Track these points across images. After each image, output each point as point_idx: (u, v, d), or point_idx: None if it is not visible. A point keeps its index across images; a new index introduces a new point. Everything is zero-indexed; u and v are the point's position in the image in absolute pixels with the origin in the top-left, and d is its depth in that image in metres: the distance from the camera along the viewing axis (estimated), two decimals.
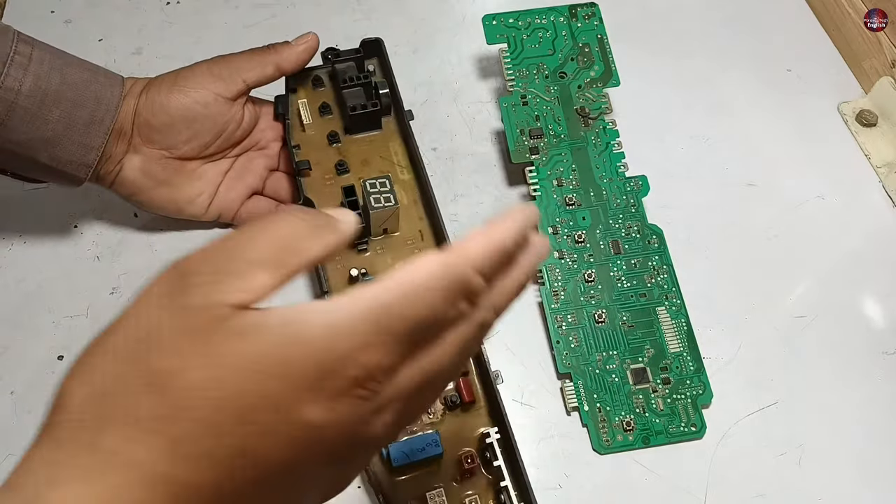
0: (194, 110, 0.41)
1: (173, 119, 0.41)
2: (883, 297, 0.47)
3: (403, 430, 0.37)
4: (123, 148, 0.41)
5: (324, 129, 0.46)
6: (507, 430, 0.37)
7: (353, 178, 0.44)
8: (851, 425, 0.43)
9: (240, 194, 0.45)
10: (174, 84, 0.41)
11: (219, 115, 0.42)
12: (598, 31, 0.49)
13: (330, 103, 0.46)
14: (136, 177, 0.42)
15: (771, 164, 0.51)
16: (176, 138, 0.42)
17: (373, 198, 0.40)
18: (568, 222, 0.45)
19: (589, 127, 0.47)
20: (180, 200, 0.43)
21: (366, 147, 0.46)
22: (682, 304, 0.44)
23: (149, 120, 0.41)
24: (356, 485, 0.40)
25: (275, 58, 0.43)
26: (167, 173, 0.42)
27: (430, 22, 0.56)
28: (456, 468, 0.38)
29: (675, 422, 0.42)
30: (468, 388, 0.39)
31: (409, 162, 0.45)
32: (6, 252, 0.46)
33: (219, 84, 0.41)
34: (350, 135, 0.46)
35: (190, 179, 0.43)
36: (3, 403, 0.41)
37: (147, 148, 0.41)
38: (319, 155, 0.45)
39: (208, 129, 0.42)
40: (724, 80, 0.54)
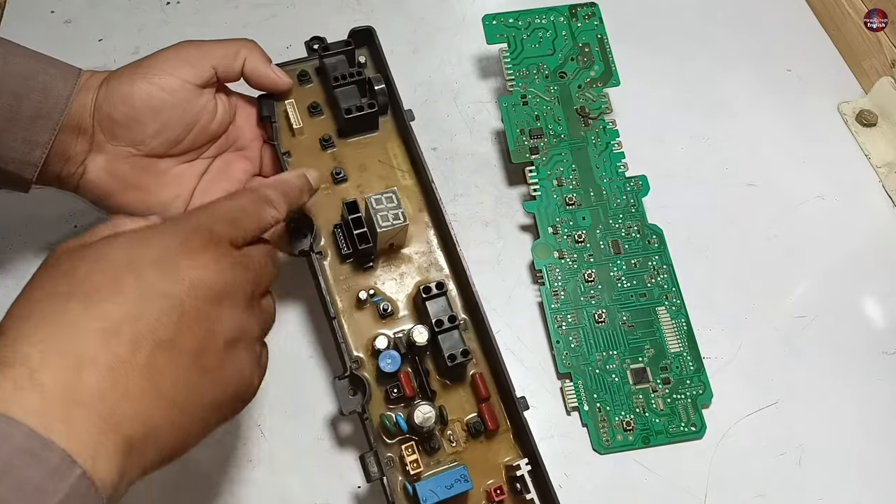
0: (159, 98, 0.37)
1: (137, 110, 0.37)
2: (883, 297, 0.47)
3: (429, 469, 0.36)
4: (85, 147, 0.38)
5: (315, 132, 0.42)
6: (539, 460, 0.35)
7: (352, 187, 0.41)
8: (851, 425, 0.43)
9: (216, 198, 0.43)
10: (136, 72, 0.37)
11: (187, 104, 0.38)
12: (598, 31, 0.49)
13: (320, 102, 0.42)
14: (102, 178, 0.38)
15: (771, 164, 0.51)
16: (142, 132, 0.38)
17: (380, 216, 0.37)
18: (568, 222, 0.45)
19: (589, 127, 0.47)
20: (153, 205, 0.40)
21: (362, 150, 0.42)
22: (682, 304, 0.44)
23: (110, 113, 0.37)
24: (356, 485, 0.40)
25: (246, 53, 0.39)
26: (136, 174, 0.39)
27: (430, 22, 0.56)
28: (484, 500, 0.36)
29: (675, 422, 0.42)
30: (491, 415, 0.37)
31: (410, 165, 0.42)
32: (6, 252, 0.46)
33: (185, 69, 0.38)
34: (344, 138, 0.42)
35: (163, 181, 0.40)
36: None
37: (112, 145, 0.38)
38: (313, 162, 0.41)
39: (177, 120, 0.38)
40: (724, 80, 0.54)
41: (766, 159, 0.51)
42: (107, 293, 0.25)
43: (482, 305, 0.38)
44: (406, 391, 0.36)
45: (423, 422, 0.35)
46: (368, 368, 0.37)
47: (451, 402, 0.37)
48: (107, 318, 0.25)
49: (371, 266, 0.40)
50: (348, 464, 0.41)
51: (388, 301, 0.39)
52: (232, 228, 0.29)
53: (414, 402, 0.37)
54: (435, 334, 0.36)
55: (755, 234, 0.49)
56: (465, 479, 0.35)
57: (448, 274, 0.40)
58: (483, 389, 0.37)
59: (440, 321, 0.36)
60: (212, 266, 0.28)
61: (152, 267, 0.26)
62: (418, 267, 0.40)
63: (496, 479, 0.37)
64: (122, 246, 0.27)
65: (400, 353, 0.37)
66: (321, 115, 0.42)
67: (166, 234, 0.28)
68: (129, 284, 0.25)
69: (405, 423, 0.36)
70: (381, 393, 0.37)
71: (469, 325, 0.39)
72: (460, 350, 0.36)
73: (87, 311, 0.25)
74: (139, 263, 0.26)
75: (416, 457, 0.35)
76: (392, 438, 0.36)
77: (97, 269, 0.26)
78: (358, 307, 0.39)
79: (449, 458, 0.37)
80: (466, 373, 0.38)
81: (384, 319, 0.38)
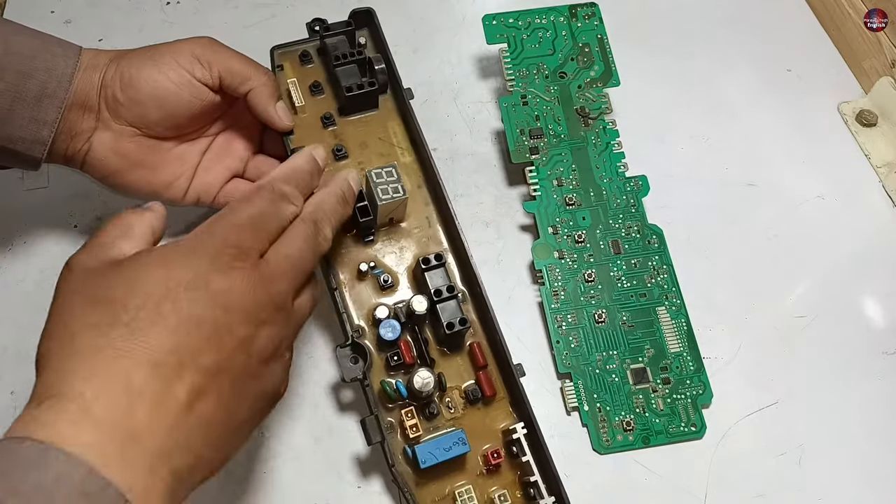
0: (166, 88, 0.38)
1: (142, 95, 0.37)
2: (883, 297, 0.47)
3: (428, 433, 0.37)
4: (91, 124, 0.38)
5: (317, 110, 0.43)
6: (534, 424, 0.37)
7: (353, 164, 0.42)
8: (851, 425, 0.43)
9: (219, 176, 0.43)
10: (149, 57, 0.38)
11: (192, 97, 0.39)
12: (598, 31, 0.49)
13: (321, 82, 0.44)
14: (107, 156, 0.39)
15: (771, 164, 0.51)
16: (145, 116, 0.38)
17: (380, 189, 0.38)
18: (568, 222, 0.45)
19: (589, 127, 0.47)
20: (157, 184, 0.41)
21: (363, 128, 0.43)
22: (682, 304, 0.44)
23: (115, 94, 0.37)
24: (356, 485, 0.40)
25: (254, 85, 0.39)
26: (142, 152, 0.39)
27: (430, 22, 0.56)
28: (481, 463, 0.37)
29: (675, 422, 0.42)
30: (489, 383, 0.38)
31: (409, 143, 0.43)
32: (6, 252, 0.46)
33: (196, 67, 0.38)
34: (345, 116, 0.43)
35: (167, 160, 0.40)
36: (3, 403, 0.41)
37: (116, 124, 0.38)
38: (314, 139, 0.42)
39: (181, 110, 0.39)
40: (724, 80, 0.54)
41: (766, 159, 0.51)
42: (147, 322, 0.25)
43: (480, 277, 0.39)
44: (406, 359, 0.38)
45: (422, 386, 0.36)
46: (369, 337, 0.38)
47: (450, 370, 0.39)
48: (150, 349, 0.25)
49: (372, 240, 0.41)
50: (348, 463, 0.41)
51: (389, 273, 0.40)
52: (255, 237, 0.29)
53: (413, 368, 0.38)
54: (434, 304, 0.38)
55: (755, 234, 0.49)
56: (463, 441, 0.36)
57: (447, 248, 0.41)
58: (481, 358, 0.38)
59: (439, 291, 0.38)
60: (243, 285, 0.28)
61: (187, 292, 0.26)
62: (418, 241, 0.41)
63: (493, 443, 0.38)
64: (155, 269, 0.27)
65: (400, 322, 0.38)
66: (322, 94, 0.44)
67: (195, 254, 0.28)
68: (167, 312, 0.25)
69: (405, 389, 0.37)
70: (382, 360, 0.38)
71: (468, 298, 0.40)
72: (458, 319, 0.37)
73: (130, 342, 0.25)
74: (175, 289, 0.26)
75: (415, 421, 0.37)
76: (392, 404, 0.37)
77: (133, 297, 0.26)
78: (359, 279, 0.40)
79: (447, 424, 0.38)
80: (464, 342, 0.39)
81: (384, 291, 0.40)
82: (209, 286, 0.27)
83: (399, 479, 0.36)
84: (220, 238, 0.28)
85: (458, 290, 0.38)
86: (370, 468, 0.40)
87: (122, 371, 0.24)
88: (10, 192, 0.47)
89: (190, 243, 0.28)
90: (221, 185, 0.43)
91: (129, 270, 0.27)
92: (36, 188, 0.47)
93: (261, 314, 0.28)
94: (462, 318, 0.37)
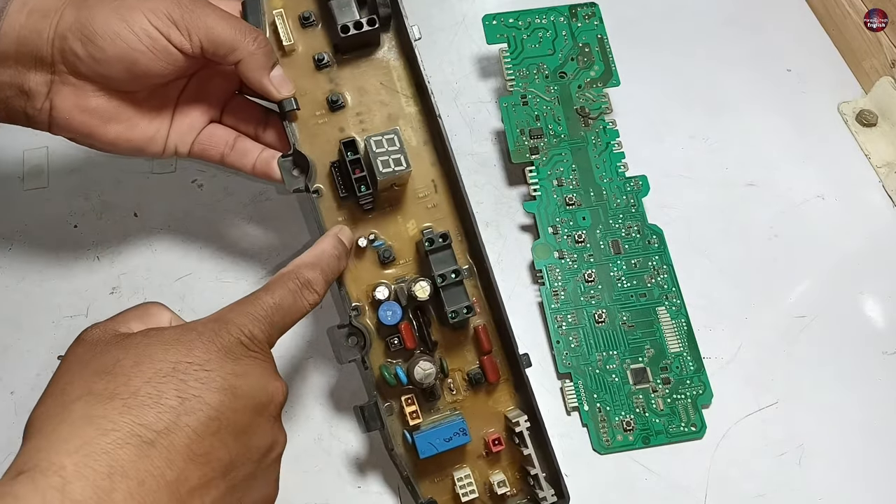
0: (136, 50, 0.32)
1: (106, 54, 0.32)
2: (883, 297, 0.47)
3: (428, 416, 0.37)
4: (45, 78, 0.32)
5: (308, 47, 0.37)
6: (537, 417, 0.36)
7: (351, 115, 0.37)
8: (851, 425, 0.43)
9: (195, 123, 0.38)
10: (116, 11, 0.31)
11: (167, 65, 0.33)
12: (598, 31, 0.49)
13: (313, 13, 0.37)
14: (73, 115, 0.33)
15: (771, 164, 0.51)
16: (110, 76, 0.33)
17: (380, 160, 0.34)
18: (568, 222, 0.45)
19: (589, 127, 0.47)
20: (137, 140, 0.36)
21: (362, 71, 0.38)
22: (682, 304, 0.44)
23: (73, 47, 0.31)
24: (356, 485, 0.40)
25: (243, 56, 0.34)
26: (112, 108, 0.34)
27: (430, 22, 0.56)
28: (481, 447, 0.37)
29: (675, 422, 0.42)
30: (493, 368, 0.37)
31: (415, 90, 0.38)
32: (6, 252, 0.46)
33: (172, 31, 0.32)
34: (341, 55, 0.37)
35: (142, 113, 0.35)
36: (3, 403, 0.41)
37: (76, 79, 0.33)
38: (306, 84, 0.37)
39: (154, 75, 0.33)
40: (724, 80, 0.54)
41: (766, 159, 0.51)
42: (147, 400, 0.24)
43: (486, 252, 0.37)
44: (407, 344, 0.36)
45: (423, 378, 0.35)
46: (369, 316, 0.37)
47: (453, 353, 0.37)
48: (145, 427, 0.24)
49: (371, 207, 0.37)
50: (348, 463, 0.41)
51: (389, 247, 0.37)
52: (271, 329, 0.29)
53: (415, 353, 0.36)
54: (438, 290, 0.35)
55: (755, 234, 0.49)
56: (464, 432, 0.35)
57: (452, 214, 0.38)
58: (486, 342, 0.37)
59: (444, 275, 0.35)
60: (252, 375, 0.27)
61: (195, 376, 0.25)
62: (423, 208, 0.38)
63: (495, 427, 0.37)
64: (166, 349, 0.26)
65: (401, 304, 0.36)
66: (314, 26, 0.37)
67: (208, 339, 0.27)
68: (170, 393, 0.25)
69: (405, 376, 0.36)
70: (381, 344, 0.36)
71: (474, 273, 0.38)
72: (464, 307, 0.35)
73: (125, 418, 0.24)
74: (182, 371, 0.25)
75: (415, 408, 0.36)
76: (391, 389, 0.36)
77: (138, 374, 0.25)
78: (357, 256, 0.37)
79: (449, 407, 0.37)
80: (469, 324, 0.38)
81: (385, 265, 0.37)
82: (219, 372, 0.26)
83: (398, 462, 0.36)
84: (235, 327, 0.28)
85: (463, 272, 0.35)
86: (370, 468, 0.40)
87: (110, 446, 0.23)
88: (10, 192, 0.47)
89: (205, 328, 0.27)
90: (198, 131, 0.38)
91: (141, 346, 0.26)
92: (36, 188, 0.47)
93: (266, 407, 0.28)
94: (468, 306, 0.35)
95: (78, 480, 0.22)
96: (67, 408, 0.24)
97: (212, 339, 0.27)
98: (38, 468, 0.22)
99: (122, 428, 0.23)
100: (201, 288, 0.45)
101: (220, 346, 0.27)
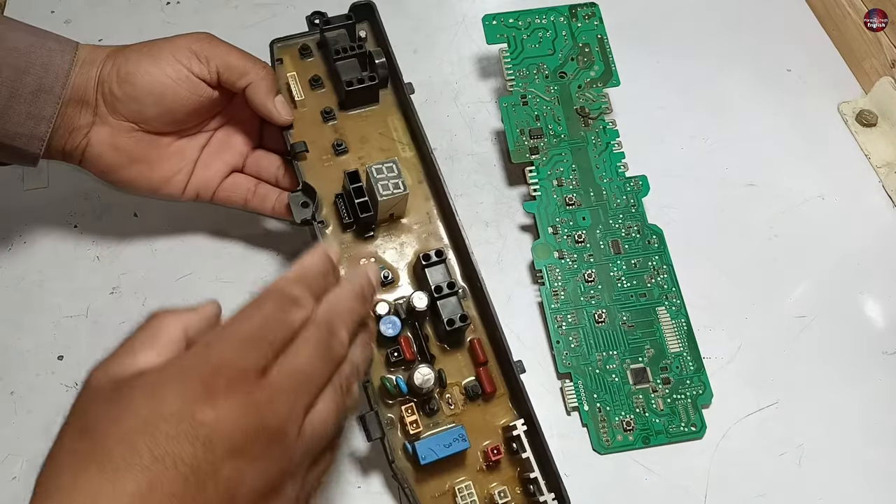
0: (163, 84, 0.38)
1: (138, 91, 0.38)
2: (883, 297, 0.47)
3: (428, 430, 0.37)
4: (88, 119, 0.38)
5: (317, 104, 0.43)
6: (534, 421, 0.37)
7: (353, 158, 0.42)
8: (851, 425, 0.43)
9: (218, 172, 0.43)
10: (146, 53, 0.38)
11: (191, 94, 0.39)
12: (598, 31, 0.49)
13: (321, 76, 0.44)
14: (105, 152, 0.39)
15: (771, 164, 0.51)
16: (143, 111, 0.39)
17: (380, 185, 0.38)
18: (568, 222, 0.45)
19: (589, 127, 0.47)
20: (156, 179, 0.41)
21: (363, 123, 0.43)
22: (682, 304, 0.44)
23: (112, 89, 0.38)
24: (356, 485, 0.40)
25: (251, 80, 0.39)
26: (140, 149, 0.40)
27: (430, 22, 0.56)
28: (481, 459, 0.38)
29: (675, 422, 0.42)
30: (489, 379, 0.38)
31: (410, 138, 0.43)
32: (6, 252, 0.46)
33: (193, 62, 0.38)
34: (345, 110, 0.43)
35: (165, 156, 0.41)
36: (3, 403, 0.41)
37: (114, 119, 0.38)
38: (314, 134, 0.43)
39: (179, 106, 0.39)
40: (724, 80, 0.54)
41: (766, 159, 0.51)
42: (120, 461, 0.23)
43: (480, 273, 0.39)
44: (406, 355, 0.38)
45: (422, 383, 0.36)
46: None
47: (450, 367, 0.39)
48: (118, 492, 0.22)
49: (372, 235, 0.41)
50: (348, 464, 0.41)
51: (389, 269, 0.40)
52: (258, 352, 0.26)
53: (414, 365, 0.38)
54: (434, 300, 0.38)
55: (755, 234, 0.49)
56: (464, 438, 0.36)
57: (447, 244, 0.41)
58: (481, 354, 0.39)
59: (439, 287, 0.38)
60: (232, 415, 0.24)
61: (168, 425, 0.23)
62: (418, 237, 0.41)
63: (493, 439, 0.38)
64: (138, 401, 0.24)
65: (400, 318, 0.38)
66: (322, 87, 0.44)
67: (188, 378, 0.24)
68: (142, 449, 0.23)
69: (405, 385, 0.37)
70: (382, 356, 0.38)
71: (468, 294, 0.40)
72: (459, 315, 0.38)
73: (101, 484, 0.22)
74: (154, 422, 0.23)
75: (415, 417, 0.37)
76: (392, 400, 0.38)
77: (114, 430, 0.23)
78: None
79: (447, 420, 0.38)
80: (465, 338, 0.39)
81: (385, 286, 0.40)
82: (193, 418, 0.23)
83: (399, 475, 0.36)
84: (216, 356, 0.25)
85: (458, 286, 0.38)
86: (370, 468, 0.40)
87: None
88: (10, 192, 0.47)
89: (188, 362, 0.25)
90: (221, 180, 0.43)
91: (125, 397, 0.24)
92: (36, 188, 0.47)
93: (252, 448, 0.24)
94: (462, 315, 0.38)
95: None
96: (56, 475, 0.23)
97: (191, 379, 0.24)
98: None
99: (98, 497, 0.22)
100: (201, 288, 0.45)
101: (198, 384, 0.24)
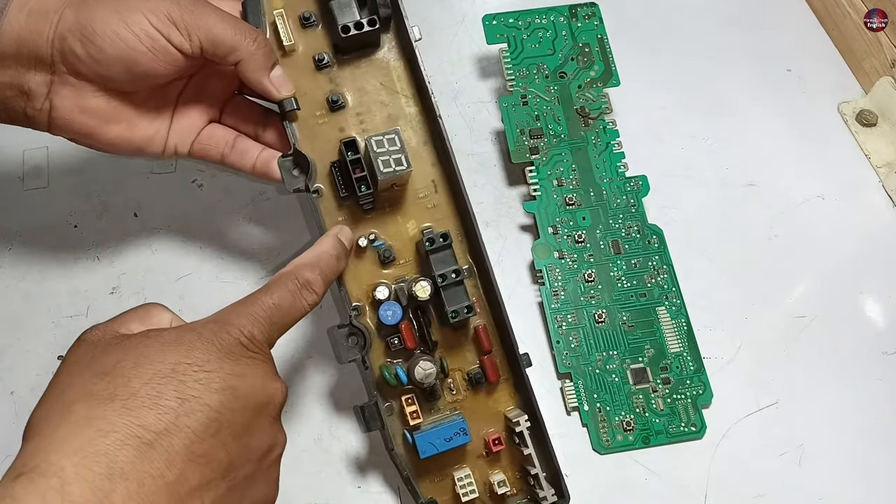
0: (136, 50, 0.32)
1: (106, 56, 0.32)
2: (883, 297, 0.47)
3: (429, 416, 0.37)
4: (45, 78, 0.32)
5: (309, 48, 0.37)
6: (538, 417, 0.36)
7: (351, 115, 0.37)
8: (851, 425, 0.43)
9: (195, 123, 0.38)
10: (115, 10, 0.31)
11: (168, 65, 0.33)
12: (598, 31, 0.49)
13: (313, 12, 0.37)
14: (73, 115, 0.34)
15: (771, 164, 0.51)
16: (110, 77, 0.33)
17: (381, 160, 0.34)
18: (568, 222, 0.45)
19: (589, 127, 0.47)
20: (137, 140, 0.36)
21: (362, 71, 0.38)
22: (682, 304, 0.44)
23: (73, 47, 0.31)
24: (356, 485, 0.40)
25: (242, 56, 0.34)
26: (111, 108, 0.34)
27: (430, 22, 0.56)
28: (481, 447, 0.37)
29: (675, 422, 0.42)
30: (493, 368, 0.37)
31: (415, 91, 0.38)
32: (6, 252, 0.46)
33: (172, 32, 0.32)
34: (341, 55, 0.38)
35: (142, 112, 0.36)
36: (3, 403, 0.41)
37: (76, 80, 0.33)
38: (306, 84, 0.37)
39: (154, 76, 0.33)
40: (724, 80, 0.54)
41: (766, 159, 0.51)
42: (146, 401, 0.24)
43: (486, 252, 0.37)
44: (407, 344, 0.36)
45: (423, 378, 0.35)
46: (369, 316, 0.37)
47: (453, 352, 0.38)
48: (144, 429, 0.24)
49: (371, 207, 0.37)
50: (348, 464, 0.41)
51: (390, 247, 0.37)
52: (271, 330, 0.29)
53: (415, 353, 0.37)
54: (438, 289, 0.35)
55: (755, 234, 0.49)
56: (465, 432, 0.35)
57: (452, 214, 0.38)
58: (486, 342, 0.37)
59: (444, 276, 0.35)
60: (252, 376, 0.27)
61: (194, 377, 0.25)
62: (423, 208, 0.38)
63: (495, 427, 0.37)
64: (165, 350, 0.26)
65: (401, 304, 0.36)
66: (315, 26, 0.38)
67: (207, 340, 0.27)
68: (169, 394, 0.25)
69: (405, 376, 0.36)
70: (382, 343, 0.37)
71: (474, 272, 0.38)
72: (464, 306, 0.35)
73: (124, 419, 0.24)
74: (181, 373, 0.25)
75: (415, 407, 0.36)
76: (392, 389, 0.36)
77: (138, 375, 0.25)
78: (357, 255, 0.37)
79: (449, 407, 0.37)
80: (469, 324, 0.38)
81: (385, 265, 0.37)
82: (218, 373, 0.26)
83: (398, 462, 0.36)
84: (235, 327, 0.28)
85: (463, 272, 0.36)
86: (370, 468, 0.40)
87: (109, 448, 0.23)
88: (10, 192, 0.47)
89: (205, 328, 0.27)
90: (198, 131, 0.38)
91: (141, 346, 0.26)
92: (36, 188, 0.47)
93: (265, 407, 0.28)
94: (468, 306, 0.35)
95: (77, 482, 0.22)
96: (67, 409, 0.24)
97: (211, 340, 0.27)
98: (37, 469, 0.22)
99: (122, 429, 0.23)
100: (201, 288, 0.45)
101: (219, 347, 0.27)
